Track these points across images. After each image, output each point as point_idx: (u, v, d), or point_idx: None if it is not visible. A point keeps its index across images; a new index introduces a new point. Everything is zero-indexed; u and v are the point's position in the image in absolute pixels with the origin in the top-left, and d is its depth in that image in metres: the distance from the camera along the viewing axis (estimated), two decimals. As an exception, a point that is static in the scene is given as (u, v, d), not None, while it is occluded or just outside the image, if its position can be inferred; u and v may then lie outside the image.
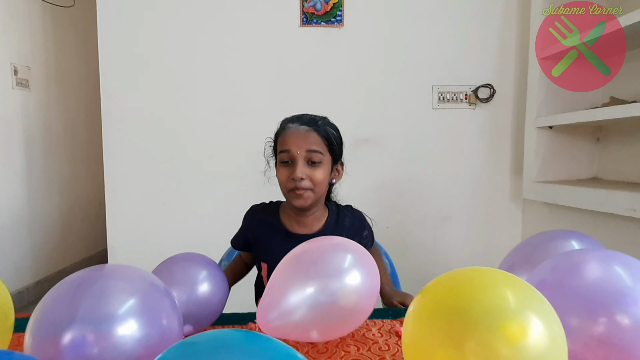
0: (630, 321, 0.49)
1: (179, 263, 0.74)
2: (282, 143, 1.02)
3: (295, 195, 1.00)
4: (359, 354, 0.69)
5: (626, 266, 0.53)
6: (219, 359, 0.36)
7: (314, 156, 1.00)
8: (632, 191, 1.39)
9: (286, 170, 1.01)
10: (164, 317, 0.54)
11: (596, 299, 0.51)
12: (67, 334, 0.46)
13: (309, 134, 1.01)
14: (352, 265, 0.71)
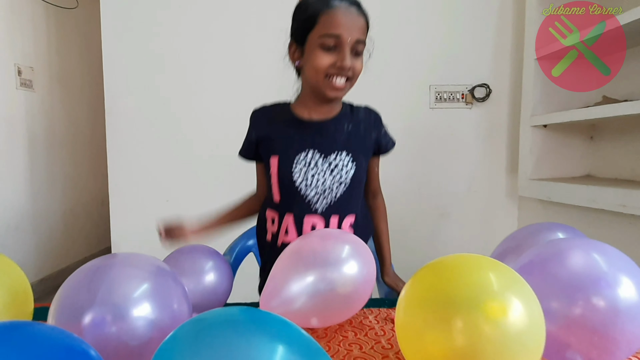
0: (604, 303, 0.54)
1: (187, 254, 0.78)
2: (329, 25, 0.87)
3: (332, 86, 0.90)
4: (356, 338, 0.73)
5: (603, 253, 0.58)
6: (228, 332, 0.40)
7: (359, 46, 0.90)
8: (622, 188, 1.44)
9: (329, 57, 0.88)
10: (175, 302, 0.58)
11: (574, 283, 0.55)
12: (87, 316, 0.51)
13: (359, 19, 0.89)
14: (349, 255, 0.75)
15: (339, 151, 0.97)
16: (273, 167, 0.97)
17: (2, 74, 2.68)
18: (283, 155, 0.96)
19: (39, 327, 0.38)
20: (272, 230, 1.02)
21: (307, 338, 0.43)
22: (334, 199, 0.96)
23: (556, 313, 0.55)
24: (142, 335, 0.53)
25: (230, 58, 2.09)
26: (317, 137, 0.97)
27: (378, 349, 0.69)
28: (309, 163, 0.95)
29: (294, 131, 0.98)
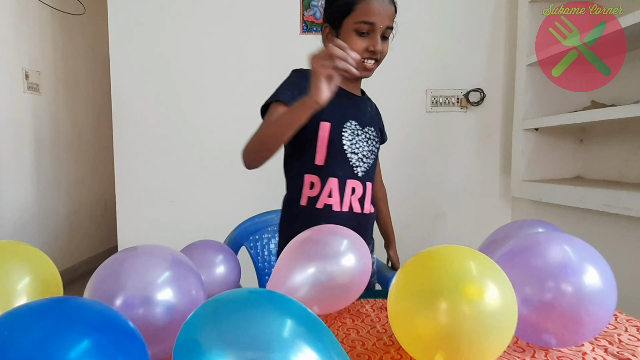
0: (572, 288, 0.61)
1: (199, 248, 0.85)
2: (366, 13, 0.98)
3: (363, 67, 1.01)
4: (354, 324, 0.80)
5: (571, 245, 0.65)
6: (243, 308, 0.48)
7: (388, 32, 1.02)
8: (607, 189, 1.51)
9: (363, 41, 1.00)
10: (192, 289, 0.65)
11: (546, 271, 0.63)
12: (118, 299, 0.58)
13: (390, 8, 1.01)
14: (347, 249, 0.82)
15: (369, 125, 1.11)
16: (323, 131, 1.02)
17: (11, 77, 2.76)
18: (335, 121, 1.04)
19: (84, 300, 0.46)
20: (309, 194, 1.05)
21: (310, 313, 0.50)
22: (368, 166, 1.09)
23: (531, 298, 0.63)
24: (165, 317, 0.60)
25: (234, 62, 2.17)
26: (356, 110, 1.10)
27: (373, 333, 0.76)
28: (352, 131, 1.07)
29: (339, 101, 1.03)
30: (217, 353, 0.46)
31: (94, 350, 0.39)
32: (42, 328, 0.38)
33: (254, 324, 0.47)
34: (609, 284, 0.62)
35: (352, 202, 1.07)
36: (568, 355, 0.66)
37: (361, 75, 1.05)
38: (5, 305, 0.64)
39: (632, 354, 0.66)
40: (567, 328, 0.63)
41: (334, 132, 1.04)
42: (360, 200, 1.09)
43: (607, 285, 0.62)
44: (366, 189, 1.09)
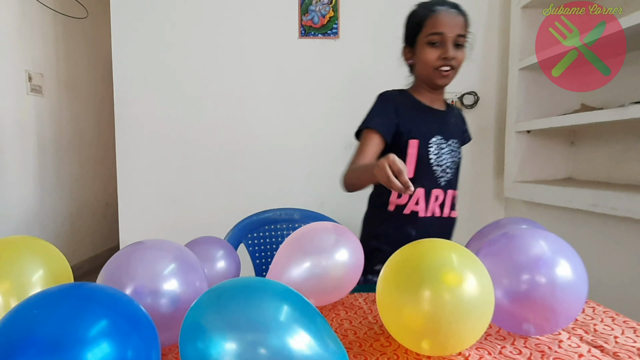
0: (545, 280, 0.66)
1: (202, 244, 0.90)
2: (434, 25, 1.07)
3: (440, 75, 1.09)
4: (347, 315, 0.85)
5: (547, 240, 0.70)
6: (243, 293, 0.53)
7: (461, 40, 1.08)
8: (595, 189, 1.56)
9: (435, 51, 1.08)
10: (196, 280, 0.70)
11: (522, 263, 0.68)
12: (129, 287, 0.63)
13: (459, 18, 1.09)
14: (340, 245, 0.87)
15: (452, 138, 1.20)
16: (412, 148, 1.13)
17: (14, 80, 2.81)
18: (422, 137, 1.14)
19: (100, 285, 0.51)
20: (397, 202, 1.17)
21: (304, 300, 0.55)
22: (451, 175, 1.20)
23: (510, 290, 0.68)
24: (171, 305, 0.65)
25: (234, 65, 2.22)
26: (441, 125, 1.18)
27: (365, 323, 0.81)
28: (438, 145, 1.16)
29: (425, 118, 1.16)
30: (220, 335, 0.51)
31: (112, 329, 0.44)
32: (66, 308, 0.43)
33: (253, 309, 0.52)
34: (580, 275, 0.67)
35: (435, 208, 1.18)
36: (545, 342, 0.71)
37: (440, 83, 1.12)
38: (21, 296, 0.69)
39: (605, 342, 0.71)
40: (543, 317, 0.68)
41: (422, 147, 1.14)
42: (441, 206, 1.19)
43: (579, 276, 0.67)
44: (447, 196, 1.19)
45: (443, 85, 1.15)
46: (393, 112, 1.15)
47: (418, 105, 1.17)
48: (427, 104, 1.18)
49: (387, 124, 1.14)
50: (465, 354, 0.67)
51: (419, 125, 1.14)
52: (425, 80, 1.15)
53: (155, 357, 0.50)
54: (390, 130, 1.14)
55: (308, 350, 0.51)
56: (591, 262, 1.67)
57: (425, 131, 1.15)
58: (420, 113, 1.16)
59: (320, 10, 2.21)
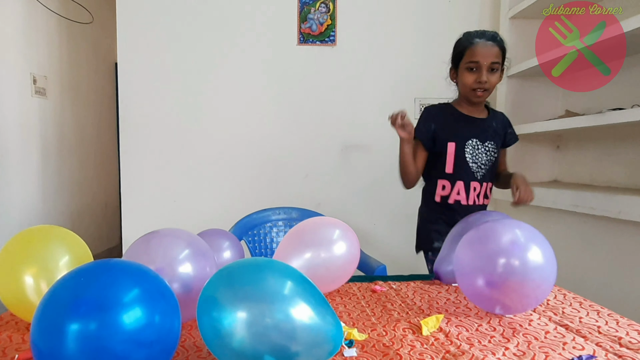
0: (519, 262, 0.75)
1: (210, 235, 0.99)
2: (472, 55, 1.30)
3: (475, 95, 1.32)
4: (342, 301, 0.94)
5: (521, 228, 0.79)
6: (251, 270, 0.61)
7: (494, 66, 1.31)
8: (576, 191, 1.66)
9: (472, 75, 1.31)
10: (207, 265, 0.78)
11: (497, 250, 0.76)
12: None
13: (493, 49, 1.31)
14: (338, 238, 0.96)
15: (489, 140, 1.40)
16: (450, 149, 1.38)
17: (19, 82, 2.88)
18: (459, 140, 1.38)
19: (131, 262, 0.59)
20: (442, 194, 1.42)
21: (304, 277, 0.64)
22: (486, 170, 1.40)
23: (484, 272, 0.77)
24: (186, 286, 0.74)
25: (235, 70, 2.31)
26: (476, 129, 1.40)
27: (358, 307, 0.90)
28: (473, 146, 1.38)
29: (463, 124, 1.40)
30: (232, 306, 0.60)
31: (142, 296, 0.53)
32: (107, 277, 0.51)
33: (260, 284, 0.61)
34: (548, 259, 0.76)
35: (475, 197, 1.41)
36: (518, 321, 0.80)
37: (474, 101, 1.36)
38: (51, 278, 0.77)
39: (570, 321, 0.80)
40: (515, 297, 0.77)
41: (459, 148, 1.37)
42: (478, 195, 1.41)
43: (547, 261, 0.76)
44: (482, 187, 1.41)
45: (478, 103, 1.38)
46: (431, 123, 1.40)
47: (457, 115, 1.40)
48: (465, 113, 1.40)
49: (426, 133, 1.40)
50: (446, 330, 0.76)
51: (456, 131, 1.38)
52: (464, 97, 1.39)
53: (177, 324, 0.58)
54: (428, 139, 1.40)
55: (308, 320, 0.60)
56: (573, 257, 1.78)
57: (462, 135, 1.38)
58: (459, 121, 1.39)
59: (318, 19, 2.30)
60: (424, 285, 1.04)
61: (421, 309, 0.88)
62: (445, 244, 1.06)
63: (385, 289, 1.00)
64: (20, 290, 0.76)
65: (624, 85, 1.68)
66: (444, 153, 1.38)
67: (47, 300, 0.49)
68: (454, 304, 0.90)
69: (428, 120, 1.42)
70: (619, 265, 1.59)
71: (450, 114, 1.42)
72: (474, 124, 1.40)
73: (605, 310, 0.85)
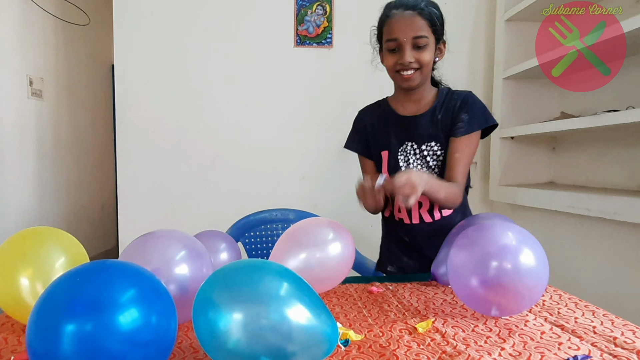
0: (511, 266, 0.75)
1: (207, 237, 0.99)
2: (388, 32, 1.07)
3: (402, 78, 1.08)
4: (339, 302, 0.94)
5: (514, 231, 0.79)
6: (246, 271, 0.61)
7: (419, 41, 1.05)
8: (572, 192, 1.67)
9: (393, 57, 1.07)
10: (204, 267, 0.78)
11: (490, 251, 0.77)
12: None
13: (414, 19, 1.04)
14: (333, 238, 0.96)
15: (427, 142, 1.14)
16: (384, 159, 1.18)
17: (15, 84, 2.88)
18: (392, 148, 1.17)
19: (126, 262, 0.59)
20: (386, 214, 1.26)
21: (299, 277, 0.64)
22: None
23: (477, 274, 0.77)
24: (182, 288, 0.73)
25: (232, 72, 2.31)
26: (412, 130, 1.16)
27: (355, 308, 0.90)
28: (408, 152, 1.16)
29: (394, 128, 1.17)
30: (228, 307, 0.59)
31: (139, 297, 0.53)
32: (103, 277, 0.51)
33: (255, 285, 0.61)
34: (540, 261, 0.77)
35: (422, 214, 1.17)
36: (513, 322, 0.80)
37: (404, 86, 1.11)
38: (47, 279, 0.77)
39: (565, 322, 0.80)
40: (509, 299, 0.77)
41: (391, 158, 1.17)
42: (430, 211, 1.17)
43: (539, 262, 0.76)
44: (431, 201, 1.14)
45: (409, 88, 1.12)
46: (363, 131, 1.23)
47: (390, 116, 1.19)
48: (399, 111, 1.18)
49: (359, 142, 1.24)
50: (442, 330, 0.76)
51: (388, 136, 1.17)
52: (395, 84, 1.18)
53: (174, 325, 0.58)
54: (364, 148, 1.23)
55: (304, 320, 0.60)
56: (568, 258, 1.79)
57: (395, 141, 1.17)
58: (391, 124, 1.18)
59: (315, 21, 2.31)
60: (421, 286, 1.04)
61: (417, 309, 0.88)
62: (442, 246, 1.06)
63: (381, 290, 1.01)
64: (15, 292, 0.76)
65: (618, 87, 1.70)
66: (380, 164, 1.20)
67: (43, 301, 0.49)
68: (450, 304, 0.90)
69: (359, 127, 1.24)
70: (615, 266, 1.60)
71: (382, 115, 1.21)
72: (408, 124, 1.16)
73: (600, 311, 0.85)
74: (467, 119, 1.13)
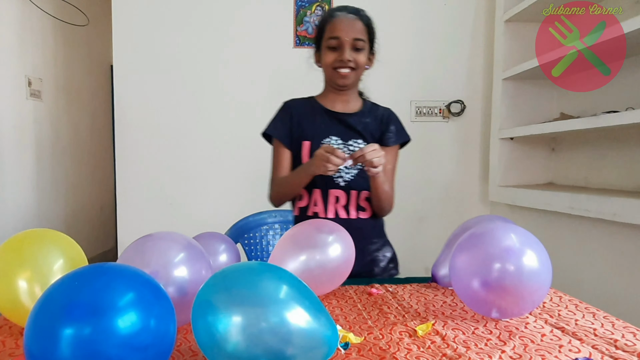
0: (514, 268, 0.75)
1: (206, 238, 0.98)
2: (331, 30, 1.14)
3: (339, 75, 1.15)
4: (338, 304, 0.93)
5: (517, 233, 0.79)
6: (247, 274, 0.61)
7: (358, 43, 1.14)
8: (571, 193, 1.67)
9: (333, 54, 1.15)
10: (203, 269, 0.78)
11: (492, 254, 0.76)
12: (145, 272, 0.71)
13: (356, 23, 1.15)
14: (333, 240, 0.96)
15: (355, 139, 1.21)
16: (305, 149, 1.20)
17: (14, 84, 2.87)
18: (314, 139, 1.20)
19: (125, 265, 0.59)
20: (299, 205, 1.24)
21: (299, 280, 0.63)
22: (352, 176, 1.20)
23: (480, 276, 0.77)
24: (181, 290, 0.73)
25: (232, 73, 2.31)
26: (339, 125, 1.22)
27: (354, 310, 0.89)
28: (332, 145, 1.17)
29: (321, 120, 1.22)
30: (227, 310, 0.59)
31: (138, 300, 0.52)
32: (101, 281, 0.51)
33: (254, 288, 0.61)
34: (544, 264, 0.76)
35: (338, 209, 1.21)
36: (514, 324, 0.80)
37: (339, 83, 1.18)
38: (45, 282, 0.76)
39: (566, 324, 0.80)
40: (511, 301, 0.77)
41: (314, 148, 1.18)
42: (346, 207, 1.22)
43: (543, 265, 0.76)
44: (350, 197, 1.21)
45: (343, 86, 1.19)
46: (288, 118, 1.25)
47: (317, 109, 1.24)
48: (328, 107, 1.23)
49: (282, 129, 1.24)
50: (442, 333, 0.76)
51: (314, 127, 1.21)
52: (328, 82, 1.23)
53: (173, 328, 0.58)
54: (286, 135, 1.24)
55: (303, 323, 0.60)
56: (567, 259, 1.78)
57: (320, 132, 1.20)
58: (317, 116, 1.23)
59: (314, 21, 2.31)
60: (421, 288, 1.04)
61: (417, 312, 0.87)
62: (444, 247, 1.06)
63: (381, 292, 1.00)
64: (13, 295, 0.75)
65: (618, 88, 1.70)
66: (298, 154, 1.21)
67: (41, 305, 0.49)
68: (450, 307, 0.90)
69: (285, 114, 1.25)
70: (614, 268, 1.60)
71: (310, 107, 1.25)
72: (335, 119, 1.22)
73: (600, 313, 0.85)
74: (394, 131, 1.26)
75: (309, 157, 1.19)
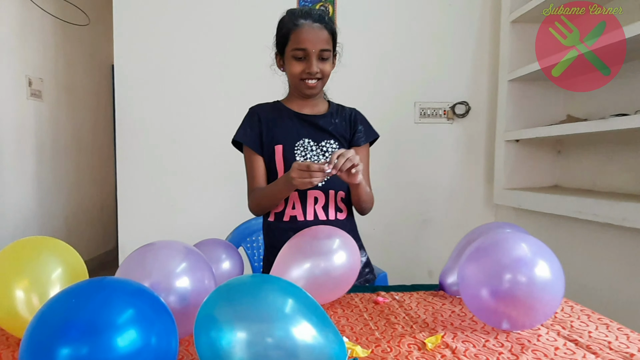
0: (525, 279, 0.73)
1: (209, 245, 0.96)
2: (297, 41, 1.12)
3: (306, 86, 1.16)
4: (344, 313, 0.91)
5: (528, 242, 0.77)
6: (251, 288, 0.59)
7: (324, 54, 1.13)
8: (579, 197, 1.64)
9: (300, 65, 1.14)
10: (205, 279, 0.76)
11: (504, 264, 0.74)
12: (145, 283, 0.68)
13: (321, 33, 1.13)
14: (338, 247, 0.93)
15: (327, 139, 1.22)
16: (278, 153, 1.19)
17: (15, 84, 2.85)
18: (287, 142, 1.19)
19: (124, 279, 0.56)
20: (275, 211, 1.21)
21: (306, 294, 0.61)
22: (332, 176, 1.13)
23: (491, 287, 0.74)
24: (183, 300, 0.71)
25: (232, 73, 2.29)
26: (309, 128, 1.22)
27: (361, 320, 0.87)
28: (305, 147, 1.20)
29: (292, 123, 1.22)
30: (231, 325, 0.57)
31: (138, 317, 0.50)
32: (100, 298, 0.49)
33: (259, 302, 0.58)
34: (557, 275, 0.74)
35: (317, 210, 1.20)
36: (525, 336, 0.77)
37: (307, 93, 1.19)
38: (41, 292, 0.74)
39: (579, 336, 0.77)
40: (522, 313, 0.74)
41: (287, 151, 1.19)
42: (324, 208, 1.20)
43: (555, 276, 0.74)
44: (329, 197, 1.20)
45: (310, 96, 1.20)
46: (257, 123, 1.24)
47: (285, 113, 1.24)
48: (296, 110, 1.24)
49: (251, 135, 1.23)
50: (452, 346, 0.73)
51: (285, 131, 1.21)
52: (294, 89, 1.23)
53: (175, 344, 0.55)
54: (256, 141, 1.22)
55: (310, 339, 0.57)
56: (575, 265, 1.76)
57: (292, 136, 1.20)
58: (286, 119, 1.23)
59: (317, 22, 2.28)
60: (428, 297, 1.01)
61: (425, 322, 0.85)
62: (452, 254, 1.04)
63: (388, 300, 0.98)
64: (10, 305, 0.73)
65: (627, 90, 1.67)
66: (272, 159, 1.20)
67: (36, 324, 0.47)
68: (459, 317, 0.88)
69: (253, 120, 1.24)
70: (624, 274, 1.57)
71: (278, 111, 1.24)
72: (305, 121, 1.22)
73: (614, 324, 0.83)
74: (363, 130, 1.28)
75: (282, 161, 1.19)
